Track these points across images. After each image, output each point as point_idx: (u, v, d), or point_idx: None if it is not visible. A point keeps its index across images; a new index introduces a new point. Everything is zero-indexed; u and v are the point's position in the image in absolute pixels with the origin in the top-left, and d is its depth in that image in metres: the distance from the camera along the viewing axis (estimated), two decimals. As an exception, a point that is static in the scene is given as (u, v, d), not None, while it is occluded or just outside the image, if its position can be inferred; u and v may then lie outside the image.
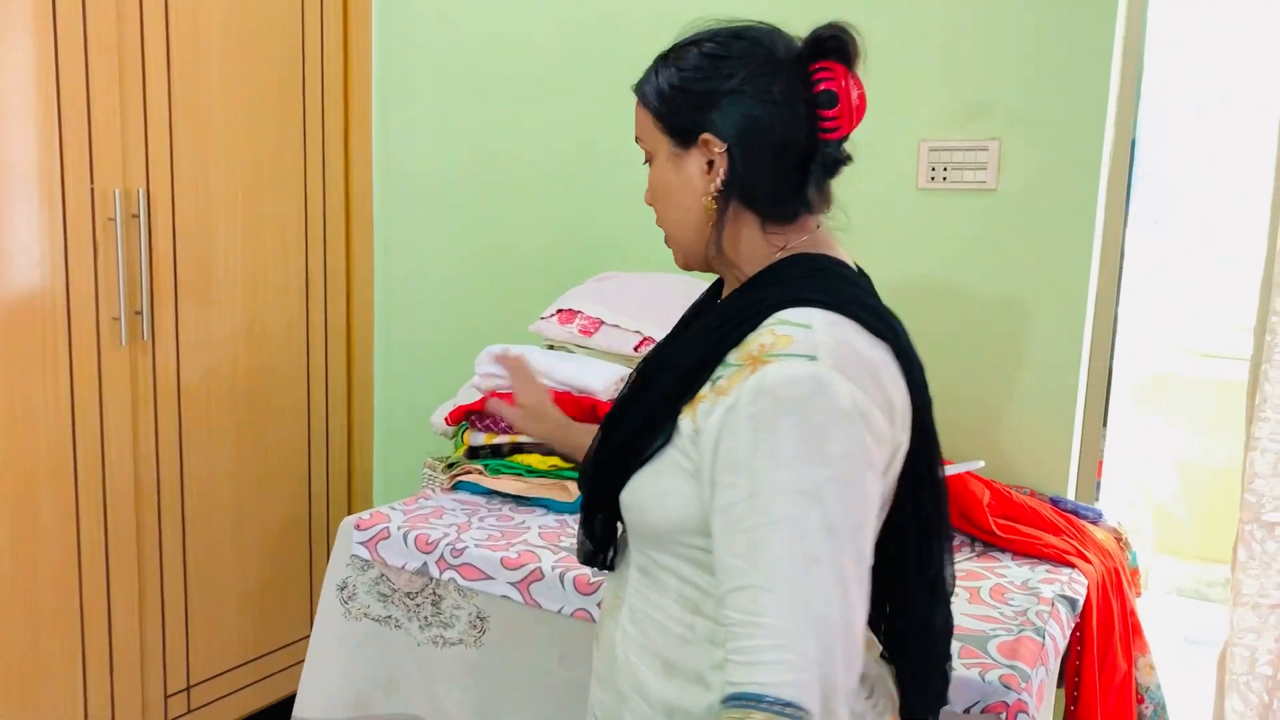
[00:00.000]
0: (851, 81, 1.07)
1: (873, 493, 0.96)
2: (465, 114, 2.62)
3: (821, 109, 1.06)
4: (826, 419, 0.93)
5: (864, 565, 0.94)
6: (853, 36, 1.06)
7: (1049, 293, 1.99)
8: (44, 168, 2.02)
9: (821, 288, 1.04)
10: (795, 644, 0.89)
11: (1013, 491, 1.89)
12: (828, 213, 1.14)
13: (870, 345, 1.00)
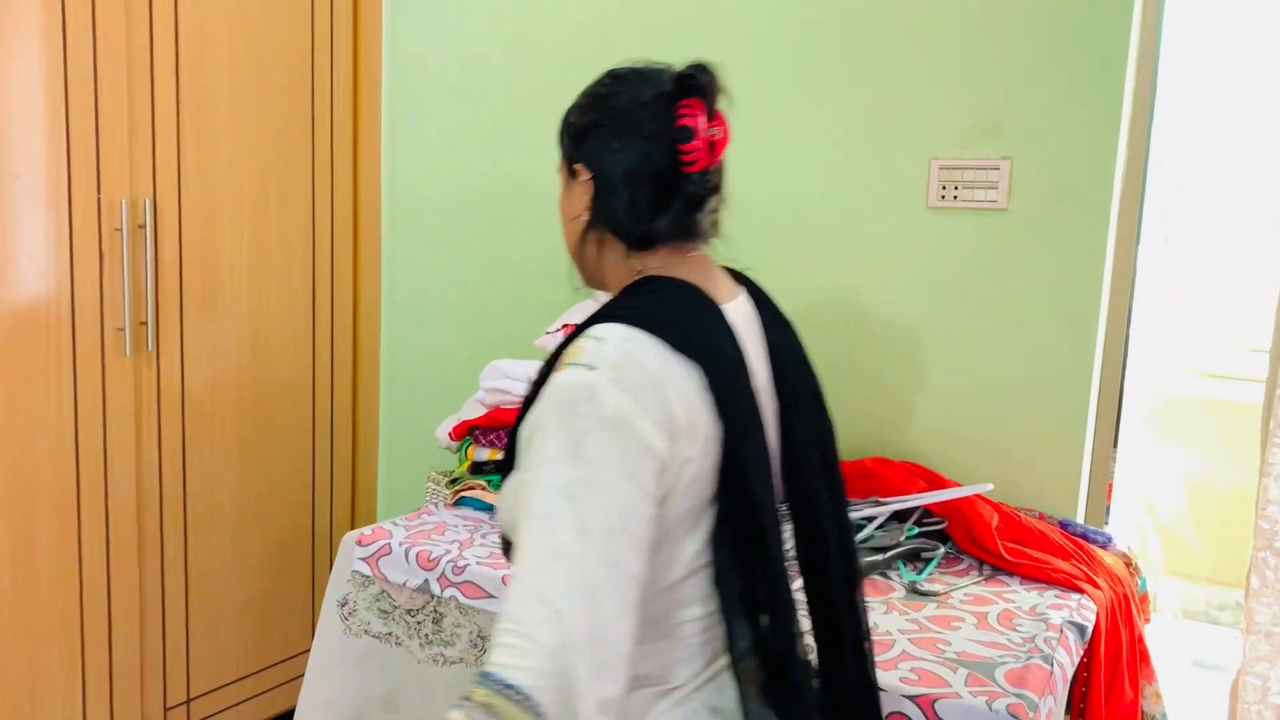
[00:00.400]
0: (706, 117, 1.13)
1: (630, 500, 0.98)
2: (473, 128, 2.61)
3: (680, 143, 1.12)
4: (588, 425, 0.98)
5: (619, 572, 0.95)
6: (713, 76, 1.14)
7: (1060, 313, 1.97)
8: (51, 178, 2.02)
9: (640, 305, 1.08)
10: (530, 632, 0.90)
11: (1022, 515, 1.87)
12: (702, 241, 1.19)
13: (663, 361, 1.03)
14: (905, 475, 1.97)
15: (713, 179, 1.18)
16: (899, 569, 1.79)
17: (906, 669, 1.40)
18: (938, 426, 2.10)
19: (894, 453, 2.11)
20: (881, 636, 1.51)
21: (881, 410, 2.16)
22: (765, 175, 2.23)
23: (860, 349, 2.16)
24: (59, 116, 2.02)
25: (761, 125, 2.22)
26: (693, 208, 1.16)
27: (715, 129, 1.14)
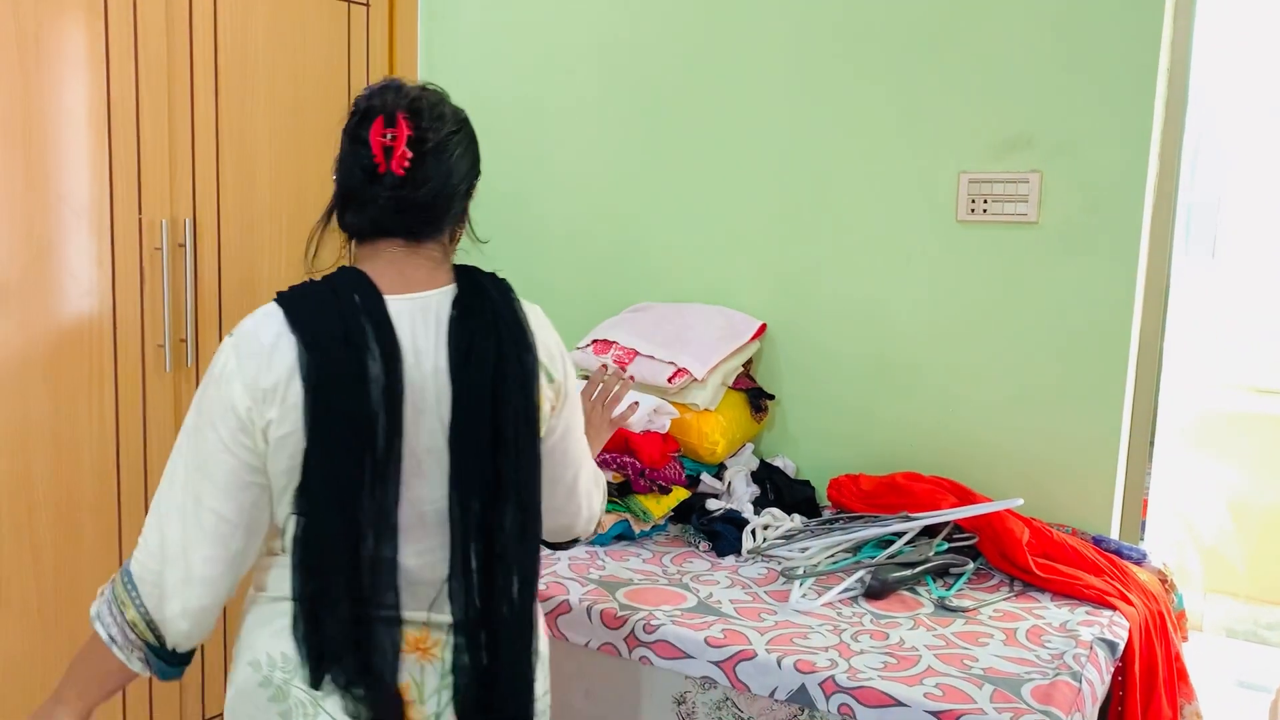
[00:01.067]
0: (379, 129, 1.23)
1: (213, 449, 1.18)
2: (505, 145, 2.64)
3: (364, 153, 1.25)
4: (207, 379, 1.21)
5: (200, 506, 1.19)
6: (392, 95, 1.25)
7: (1092, 327, 1.95)
8: (95, 198, 2.08)
9: (298, 288, 1.24)
10: (146, 535, 1.22)
11: (1053, 530, 1.85)
12: (404, 237, 1.28)
13: (276, 336, 1.19)
14: (935, 490, 1.96)
15: (406, 181, 1.24)
16: (928, 584, 1.77)
17: (931, 685, 1.39)
18: (968, 441, 2.09)
19: (924, 467, 2.10)
20: (907, 652, 1.50)
21: (912, 425, 2.15)
22: (790, 187, 2.24)
23: (890, 363, 2.15)
24: (102, 138, 2.07)
25: (790, 139, 2.23)
26: (384, 207, 1.25)
27: (389, 134, 1.23)
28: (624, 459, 1.93)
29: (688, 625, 1.55)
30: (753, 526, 1.96)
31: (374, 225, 1.28)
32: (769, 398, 2.27)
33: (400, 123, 1.23)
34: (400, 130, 1.23)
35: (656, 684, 1.56)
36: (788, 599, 1.68)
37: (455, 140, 1.29)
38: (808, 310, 2.25)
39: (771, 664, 1.45)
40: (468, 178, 1.33)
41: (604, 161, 2.48)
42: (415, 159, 1.23)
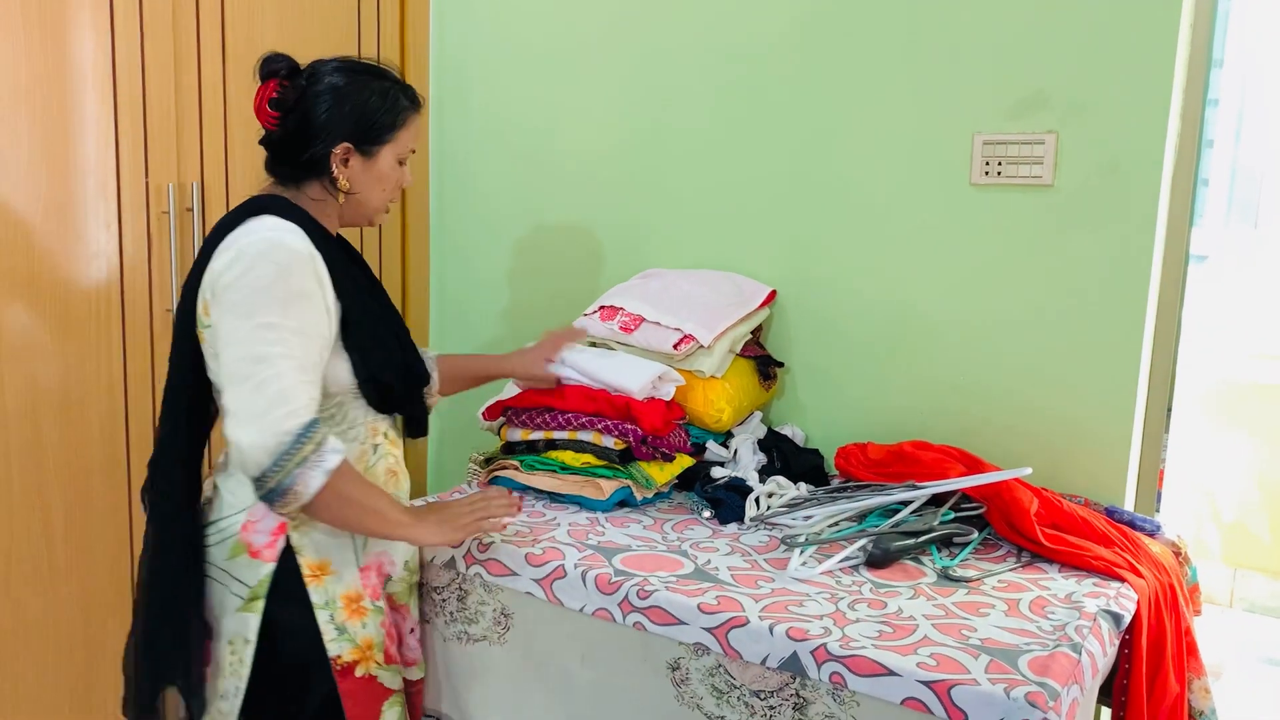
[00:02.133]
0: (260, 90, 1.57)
1: (319, 326, 1.51)
2: (517, 111, 2.61)
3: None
4: (285, 285, 1.48)
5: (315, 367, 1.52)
6: (267, 60, 1.58)
7: (1107, 293, 1.90)
8: (100, 161, 2.08)
9: (291, 213, 1.57)
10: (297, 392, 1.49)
11: (1064, 500, 1.81)
12: (279, 180, 1.62)
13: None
14: (943, 459, 1.92)
15: (273, 133, 1.59)
16: (932, 554, 1.74)
17: (925, 654, 1.37)
18: (981, 410, 2.05)
19: (935, 436, 2.06)
20: (904, 621, 1.47)
21: (922, 393, 2.11)
22: (800, 151, 2.19)
23: (901, 329, 2.11)
24: (107, 101, 2.07)
25: (798, 102, 2.18)
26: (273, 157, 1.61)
27: (258, 100, 1.57)
28: (625, 425, 1.91)
29: (682, 591, 1.54)
30: (756, 494, 1.93)
31: (278, 171, 1.62)
32: (778, 365, 2.24)
33: (271, 83, 1.56)
34: (262, 89, 1.56)
35: (651, 649, 1.54)
36: (787, 567, 1.66)
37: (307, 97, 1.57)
38: (818, 277, 2.21)
39: (763, 631, 1.43)
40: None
41: (614, 128, 2.45)
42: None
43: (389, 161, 1.62)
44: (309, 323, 1.47)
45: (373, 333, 1.58)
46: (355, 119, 1.56)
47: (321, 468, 1.43)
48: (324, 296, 1.50)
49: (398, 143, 1.62)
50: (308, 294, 1.47)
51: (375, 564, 1.62)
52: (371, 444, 1.62)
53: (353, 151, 1.58)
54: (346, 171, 1.58)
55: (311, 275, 1.48)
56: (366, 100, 1.57)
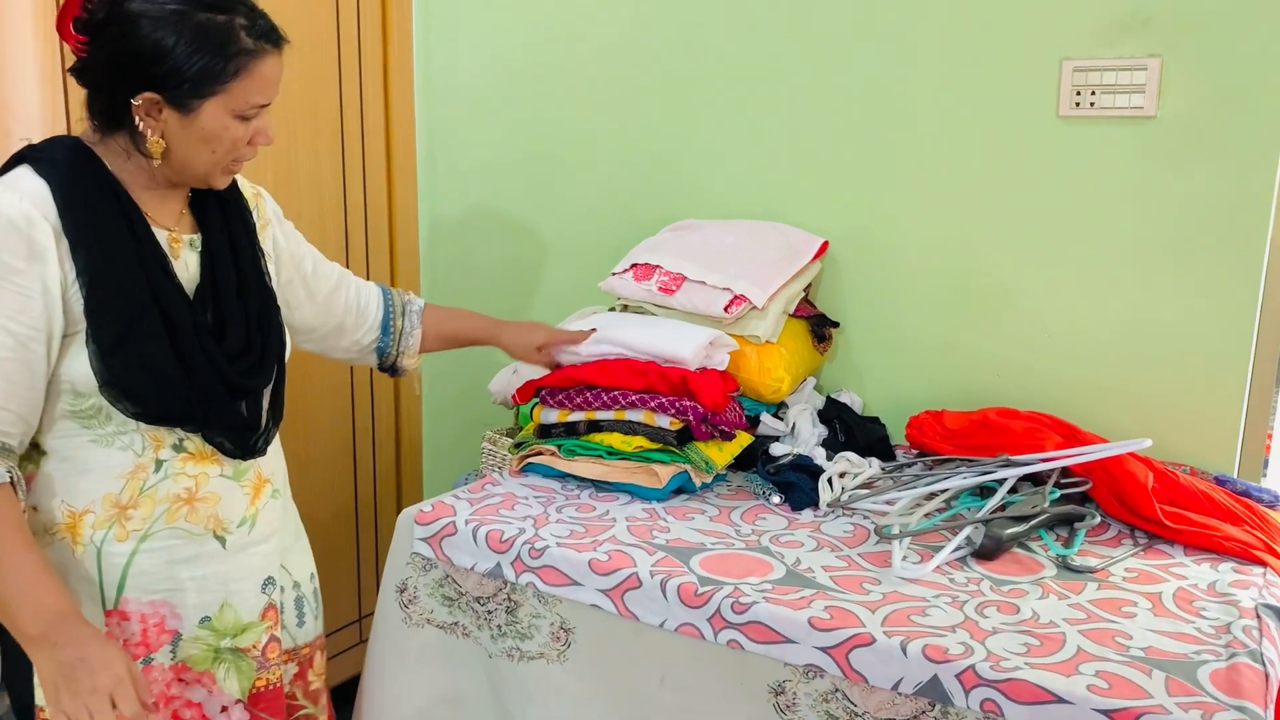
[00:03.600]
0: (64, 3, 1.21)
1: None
2: (519, 38, 2.32)
3: None
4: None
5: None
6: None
7: (1218, 238, 1.69)
8: (47, 114, 1.77)
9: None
10: None
11: (1178, 474, 1.61)
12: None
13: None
14: (1035, 428, 1.72)
15: (81, 60, 1.24)
16: (1043, 539, 1.54)
17: (1091, 673, 1.16)
18: (1067, 371, 1.84)
19: (1014, 402, 1.85)
20: (1046, 629, 1.27)
21: (1000, 354, 1.90)
22: (854, 82, 1.95)
23: (978, 283, 1.89)
24: (55, 67, 1.76)
25: (853, 26, 1.93)
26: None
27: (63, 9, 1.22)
28: (683, 403, 1.67)
29: (784, 602, 1.31)
30: (828, 475, 1.71)
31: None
32: (833, 325, 2.01)
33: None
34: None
35: (749, 671, 1.32)
36: (888, 564, 1.44)
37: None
38: (876, 225, 1.97)
39: (894, 650, 1.22)
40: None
41: (636, 62, 2.17)
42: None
43: (218, 118, 1.23)
44: (4, 307, 1.16)
45: (120, 326, 1.22)
46: (170, 60, 1.18)
47: None
48: (41, 274, 1.17)
49: (232, 95, 1.22)
50: (8, 272, 1.16)
51: (142, 612, 1.29)
52: (153, 458, 1.28)
53: (163, 104, 1.21)
54: (157, 126, 1.22)
55: (19, 248, 1.16)
56: (190, 36, 1.18)
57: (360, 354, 1.67)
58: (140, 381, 1.23)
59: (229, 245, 1.36)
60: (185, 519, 1.30)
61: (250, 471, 1.37)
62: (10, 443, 1.19)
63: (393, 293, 1.70)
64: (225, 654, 1.35)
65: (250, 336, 1.35)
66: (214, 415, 1.30)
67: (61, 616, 1.13)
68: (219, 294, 1.33)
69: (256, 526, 1.37)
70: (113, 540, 1.27)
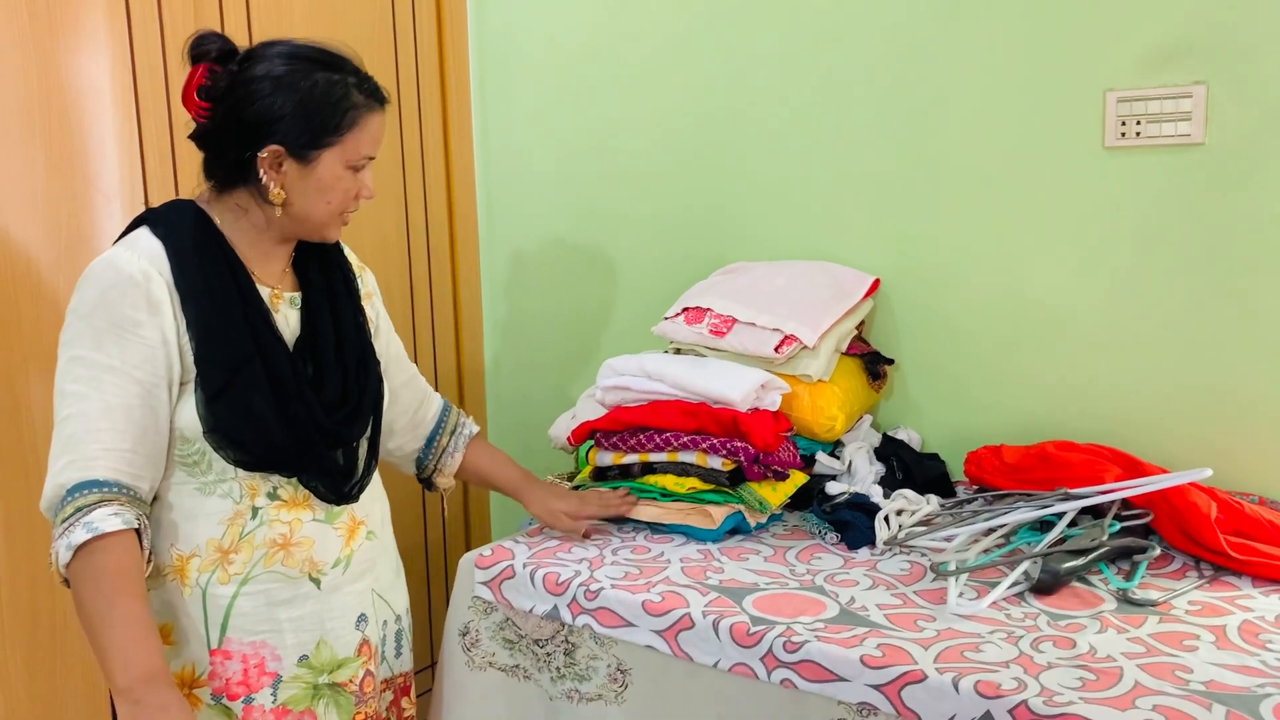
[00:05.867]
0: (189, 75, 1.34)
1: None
2: (570, 94, 2.39)
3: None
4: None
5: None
6: (196, 40, 1.33)
7: (1272, 262, 1.66)
8: (126, 180, 1.88)
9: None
10: None
11: (1244, 503, 1.58)
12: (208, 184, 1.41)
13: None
14: (1094, 460, 1.70)
15: (202, 126, 1.36)
16: (1103, 572, 1.52)
17: (1148, 708, 1.15)
18: (1125, 402, 1.82)
19: (1074, 435, 1.83)
20: (1103, 663, 1.25)
21: (1056, 385, 1.88)
22: (901, 121, 1.96)
23: (1028, 316, 1.88)
24: (129, 116, 1.87)
25: (898, 65, 1.95)
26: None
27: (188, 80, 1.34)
28: (734, 444, 1.69)
29: (836, 640, 1.32)
30: (885, 513, 1.71)
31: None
32: (888, 362, 2.01)
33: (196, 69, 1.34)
34: (190, 76, 1.34)
35: (804, 709, 1.32)
36: (943, 600, 1.44)
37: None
38: (927, 262, 1.98)
39: (945, 687, 1.21)
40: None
41: (687, 108, 2.22)
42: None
43: (333, 169, 1.35)
44: (129, 358, 1.25)
45: (224, 375, 1.30)
46: (290, 116, 1.30)
47: (66, 540, 1.19)
48: (159, 325, 1.27)
49: (345, 147, 1.34)
50: (132, 324, 1.25)
51: (244, 653, 1.35)
52: (250, 505, 1.35)
53: (285, 155, 1.32)
54: (279, 178, 1.33)
55: (140, 301, 1.26)
56: (307, 93, 1.31)
57: (401, 459, 1.72)
58: (241, 428, 1.31)
59: (328, 303, 1.45)
60: (282, 563, 1.36)
61: (344, 515, 1.43)
62: (140, 488, 1.27)
63: (453, 411, 1.75)
64: (324, 690, 1.41)
65: (347, 387, 1.42)
66: (309, 463, 1.37)
67: (150, 675, 1.19)
68: (318, 347, 1.41)
69: (350, 567, 1.43)
70: (216, 583, 1.34)
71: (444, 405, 1.74)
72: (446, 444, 1.71)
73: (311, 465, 1.37)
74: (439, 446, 1.71)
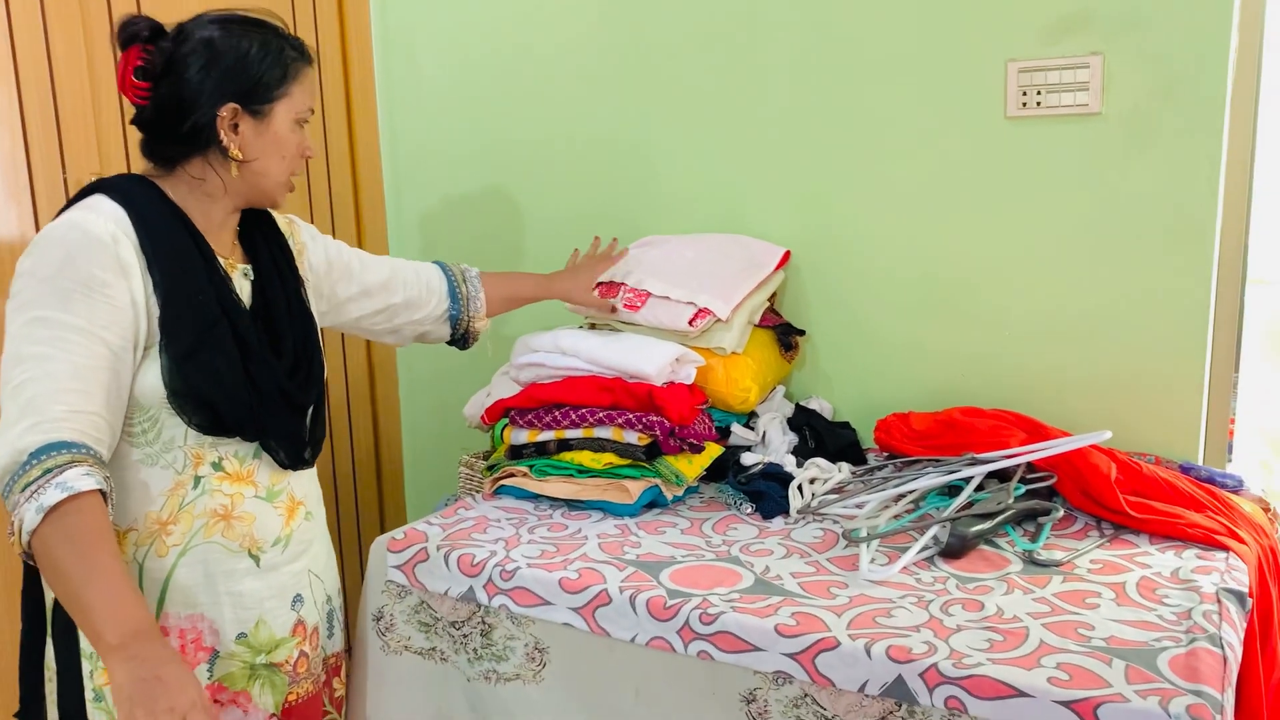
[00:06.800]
0: (122, 60, 1.34)
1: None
2: (475, 70, 2.35)
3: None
4: None
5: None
6: (125, 24, 1.32)
7: (1168, 229, 1.72)
8: (7, 154, 1.78)
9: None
10: None
11: (1142, 464, 1.63)
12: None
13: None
14: (1000, 425, 1.74)
15: (144, 108, 1.35)
16: (1009, 535, 1.56)
17: (1052, 666, 1.18)
18: (1029, 367, 1.86)
19: (981, 400, 1.87)
20: (1010, 624, 1.28)
21: (964, 353, 1.92)
22: (810, 94, 1.97)
23: (935, 285, 1.92)
24: (9, 89, 1.77)
25: (803, 38, 1.95)
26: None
27: (122, 65, 1.33)
28: (650, 418, 1.69)
29: (751, 611, 1.33)
30: (798, 482, 1.73)
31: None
32: (799, 333, 2.03)
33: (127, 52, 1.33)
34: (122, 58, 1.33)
35: (720, 681, 1.33)
36: (856, 567, 1.46)
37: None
38: (836, 232, 2.00)
39: (858, 653, 1.23)
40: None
41: (593, 83, 2.20)
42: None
43: (285, 122, 1.38)
44: (97, 319, 1.22)
45: (194, 337, 1.30)
46: (237, 74, 1.33)
47: (35, 502, 1.13)
48: (128, 288, 1.26)
49: (292, 98, 1.38)
50: (100, 284, 1.23)
51: (181, 627, 1.34)
52: (192, 474, 1.33)
53: (241, 112, 1.34)
54: (236, 139, 1.34)
55: (110, 263, 1.24)
56: (247, 52, 1.33)
57: (435, 325, 1.77)
58: (208, 391, 1.30)
59: (276, 273, 1.46)
60: (222, 534, 1.35)
61: (283, 494, 1.42)
62: (101, 451, 1.22)
63: (449, 265, 1.80)
64: (260, 670, 1.40)
65: (298, 355, 1.43)
66: (273, 426, 1.37)
67: (142, 631, 1.14)
68: (273, 315, 1.42)
69: (289, 546, 1.43)
70: (154, 556, 1.32)
71: (440, 264, 1.80)
72: (467, 291, 1.78)
73: (274, 429, 1.38)
74: (462, 295, 1.78)
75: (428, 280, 1.75)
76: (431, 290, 1.75)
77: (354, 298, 1.64)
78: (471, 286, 1.79)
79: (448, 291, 1.76)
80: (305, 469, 1.45)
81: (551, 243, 2.30)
